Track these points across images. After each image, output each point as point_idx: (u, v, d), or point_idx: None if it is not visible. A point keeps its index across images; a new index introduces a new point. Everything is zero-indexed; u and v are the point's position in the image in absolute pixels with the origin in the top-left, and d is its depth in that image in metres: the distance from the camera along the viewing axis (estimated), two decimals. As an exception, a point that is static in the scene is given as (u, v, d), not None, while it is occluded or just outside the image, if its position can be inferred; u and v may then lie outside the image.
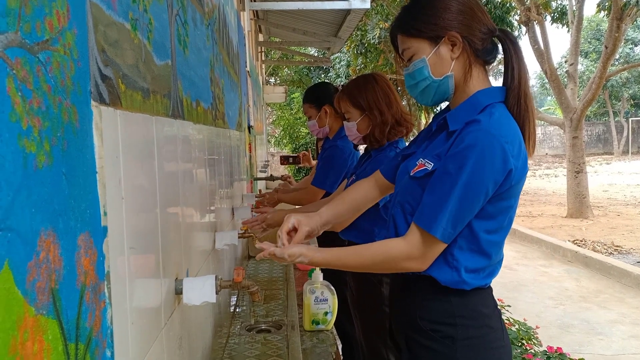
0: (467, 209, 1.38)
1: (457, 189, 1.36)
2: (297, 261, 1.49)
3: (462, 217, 1.38)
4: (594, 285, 6.49)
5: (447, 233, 1.38)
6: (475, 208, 1.39)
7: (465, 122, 1.42)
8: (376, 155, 2.41)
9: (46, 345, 0.61)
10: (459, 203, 1.36)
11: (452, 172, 1.38)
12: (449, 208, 1.36)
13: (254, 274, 2.96)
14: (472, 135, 1.38)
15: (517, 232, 9.14)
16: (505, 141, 1.36)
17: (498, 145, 1.36)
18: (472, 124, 1.40)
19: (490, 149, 1.35)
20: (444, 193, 1.38)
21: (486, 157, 1.35)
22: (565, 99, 10.69)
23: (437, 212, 1.38)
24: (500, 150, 1.35)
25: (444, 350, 1.45)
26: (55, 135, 0.66)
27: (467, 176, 1.35)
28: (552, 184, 17.20)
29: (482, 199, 1.38)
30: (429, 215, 1.39)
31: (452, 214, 1.37)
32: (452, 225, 1.38)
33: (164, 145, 1.24)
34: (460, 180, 1.36)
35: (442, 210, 1.37)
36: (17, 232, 0.56)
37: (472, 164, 1.35)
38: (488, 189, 1.37)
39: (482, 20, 1.49)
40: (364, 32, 13.08)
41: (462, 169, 1.36)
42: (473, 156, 1.36)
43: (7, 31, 0.55)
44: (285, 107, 19.45)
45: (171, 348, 1.25)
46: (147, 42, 1.13)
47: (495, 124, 1.39)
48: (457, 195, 1.36)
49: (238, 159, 3.26)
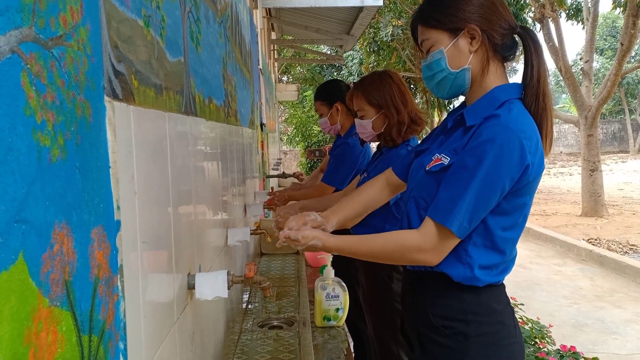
0: (483, 204, 1.37)
1: (474, 183, 1.35)
2: (311, 244, 1.48)
3: (478, 212, 1.37)
4: (608, 284, 6.44)
5: (463, 228, 1.37)
6: (491, 203, 1.38)
7: (483, 118, 1.42)
8: (387, 153, 2.40)
9: (60, 336, 0.62)
10: (476, 197, 1.35)
11: (469, 166, 1.37)
12: (465, 202, 1.36)
13: (266, 271, 2.97)
14: (490, 129, 1.37)
15: (531, 231, 9.08)
16: (524, 137, 1.36)
17: (517, 140, 1.35)
18: (491, 118, 1.40)
19: (509, 144, 1.35)
20: (461, 187, 1.37)
21: (504, 152, 1.34)
22: (580, 97, 10.60)
23: (454, 206, 1.37)
24: (518, 146, 1.35)
25: (456, 347, 1.45)
26: (69, 130, 0.67)
27: (485, 171, 1.34)
28: (567, 183, 17.06)
29: (498, 194, 1.37)
30: (444, 209, 1.38)
31: (469, 209, 1.36)
32: (468, 220, 1.37)
33: (177, 141, 1.25)
34: (478, 175, 1.35)
35: (459, 204, 1.36)
36: (32, 225, 0.56)
37: (490, 158, 1.34)
38: (505, 184, 1.36)
39: (504, 16, 1.48)
40: (376, 29, 13.05)
41: (480, 163, 1.35)
42: (491, 150, 1.35)
43: (21, 26, 0.56)
44: (298, 105, 19.48)
45: (183, 342, 1.26)
46: (159, 39, 1.13)
47: (514, 119, 1.38)
48: (475, 190, 1.35)
49: (250, 156, 3.27)
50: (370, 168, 2.46)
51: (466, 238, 1.41)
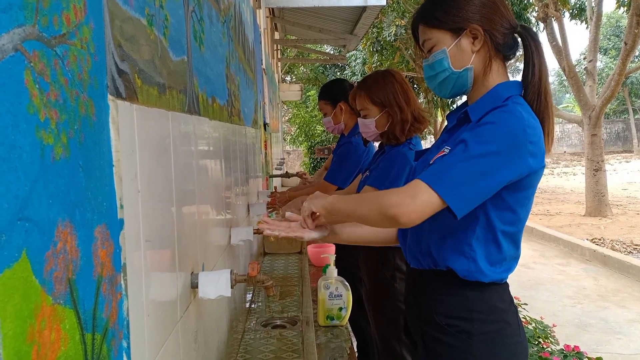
0: (479, 180, 1.31)
1: (469, 156, 1.31)
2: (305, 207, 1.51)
3: (473, 185, 1.31)
4: (612, 284, 6.42)
5: (450, 193, 1.30)
6: (488, 183, 1.32)
7: (487, 110, 1.42)
8: (390, 151, 2.40)
9: (63, 334, 0.62)
10: (473, 171, 1.31)
11: (467, 140, 1.34)
12: (457, 171, 1.31)
13: (270, 270, 2.97)
14: (495, 114, 1.37)
15: (534, 231, 9.06)
16: (527, 125, 1.35)
17: (520, 127, 1.34)
18: (497, 107, 1.40)
19: (512, 128, 1.34)
20: (456, 159, 1.33)
21: (507, 135, 1.33)
22: (584, 97, 10.57)
23: (443, 172, 1.33)
24: (522, 132, 1.34)
25: (460, 345, 1.45)
26: (72, 128, 0.67)
27: (484, 147, 1.32)
28: (571, 182, 17.03)
29: (497, 175, 1.32)
30: (432, 172, 1.34)
31: (461, 178, 1.30)
32: (458, 189, 1.30)
33: (180, 140, 1.25)
34: (476, 150, 1.32)
35: (449, 171, 1.32)
36: (35, 222, 0.56)
37: (490, 137, 1.33)
38: (504, 166, 1.32)
39: (505, 15, 1.48)
40: (379, 29, 13.04)
41: (479, 140, 1.33)
42: (494, 131, 1.34)
43: (24, 24, 0.56)
44: (301, 105, 19.49)
45: (187, 341, 1.26)
46: (163, 38, 1.14)
47: (519, 109, 1.38)
48: (470, 162, 1.31)
49: (254, 156, 3.28)
50: (373, 167, 2.46)
51: (469, 232, 1.41)
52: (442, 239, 1.45)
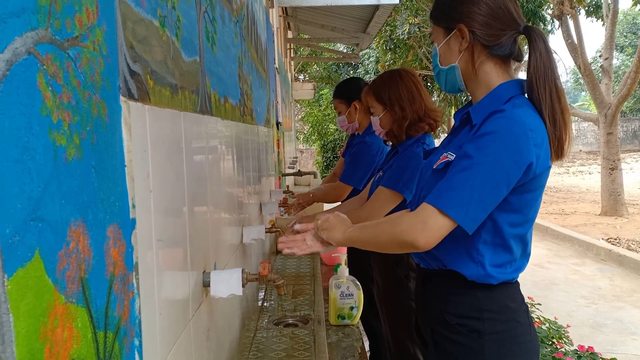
0: (487, 194, 1.33)
1: (475, 171, 1.32)
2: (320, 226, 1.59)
3: (481, 200, 1.33)
4: (628, 284, 6.36)
5: (460, 213, 1.32)
6: (496, 195, 1.34)
7: (488, 113, 1.41)
8: (403, 151, 2.40)
9: (75, 333, 0.63)
10: (480, 186, 1.32)
11: (470, 154, 1.35)
12: (464, 188, 1.32)
13: (282, 269, 2.98)
14: (495, 122, 1.37)
15: (549, 230, 8.99)
16: (528, 129, 1.35)
17: (521, 131, 1.34)
18: (496, 113, 1.39)
19: (513, 135, 1.33)
20: (461, 175, 1.34)
21: (508, 143, 1.33)
22: (600, 95, 10.46)
23: (450, 191, 1.33)
24: (523, 137, 1.33)
25: (471, 344, 1.44)
26: (84, 129, 0.68)
27: (487, 160, 1.32)
28: (586, 181, 16.86)
29: (503, 186, 1.33)
30: (439, 193, 1.35)
31: (468, 195, 1.31)
32: (467, 207, 1.31)
33: (192, 140, 1.26)
34: (480, 164, 1.32)
35: (456, 190, 1.33)
36: (48, 222, 0.57)
37: (493, 148, 1.33)
38: (510, 176, 1.33)
39: (504, 16, 1.45)
40: (393, 27, 13.01)
41: (482, 153, 1.33)
42: (495, 141, 1.33)
43: (37, 28, 0.57)
44: (314, 104, 19.50)
45: (199, 339, 1.27)
46: (175, 38, 1.14)
47: (519, 112, 1.38)
48: (476, 177, 1.32)
49: (266, 155, 3.29)
50: (386, 167, 2.46)
51: (476, 236, 1.40)
52: (448, 244, 1.42)
